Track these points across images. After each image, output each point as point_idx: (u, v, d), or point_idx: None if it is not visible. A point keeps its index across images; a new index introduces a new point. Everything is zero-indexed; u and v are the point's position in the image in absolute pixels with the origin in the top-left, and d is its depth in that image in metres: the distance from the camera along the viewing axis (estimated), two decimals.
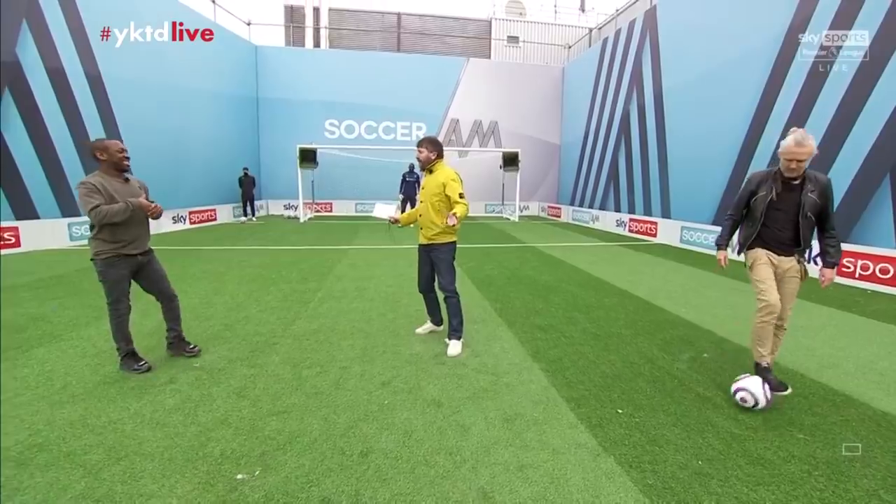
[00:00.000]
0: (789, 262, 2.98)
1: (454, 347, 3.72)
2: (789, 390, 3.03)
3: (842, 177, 6.95)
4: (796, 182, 2.85)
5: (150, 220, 3.25)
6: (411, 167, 14.36)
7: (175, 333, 3.50)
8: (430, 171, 3.73)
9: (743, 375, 2.90)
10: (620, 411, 2.80)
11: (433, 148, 3.70)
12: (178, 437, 2.41)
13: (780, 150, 2.83)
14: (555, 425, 2.63)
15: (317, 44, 20.10)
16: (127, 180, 3.15)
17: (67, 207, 9.25)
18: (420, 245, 3.86)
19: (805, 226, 2.86)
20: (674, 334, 4.23)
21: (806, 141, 2.70)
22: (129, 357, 3.21)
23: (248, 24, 16.90)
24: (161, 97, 11.63)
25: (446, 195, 3.59)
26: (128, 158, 3.11)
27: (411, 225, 4.02)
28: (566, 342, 4.00)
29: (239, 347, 3.74)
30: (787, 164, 2.80)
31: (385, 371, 3.34)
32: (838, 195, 6.99)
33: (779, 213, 2.91)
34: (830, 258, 2.93)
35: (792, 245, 2.94)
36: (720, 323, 4.63)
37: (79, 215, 9.40)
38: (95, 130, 9.79)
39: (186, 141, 12.66)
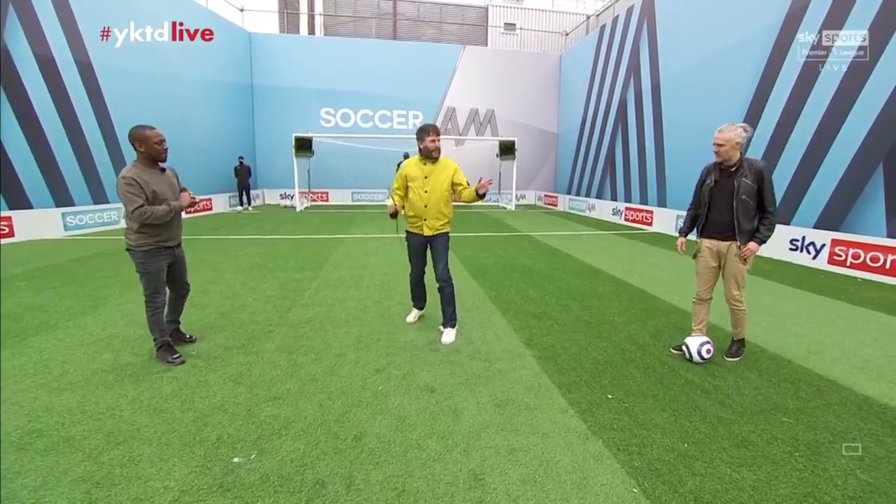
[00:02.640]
0: (726, 248, 3.25)
1: (449, 335, 3.74)
2: (737, 358, 3.41)
3: (835, 165, 6.98)
4: (733, 169, 3.13)
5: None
6: (406, 156, 13.98)
7: (175, 325, 3.53)
8: (434, 161, 3.61)
9: (695, 334, 3.45)
10: (610, 396, 2.86)
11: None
12: (175, 422, 2.45)
13: None
14: (545, 410, 2.69)
15: (311, 31, 19.86)
16: (163, 170, 3.11)
17: (61, 197, 9.21)
18: (422, 236, 3.72)
19: (739, 209, 3.09)
20: (666, 322, 4.29)
21: (724, 129, 3.07)
22: (166, 348, 3.22)
23: (242, 10, 16.64)
24: (153, 85, 11.51)
25: (453, 183, 3.62)
26: (166, 150, 3.03)
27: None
28: (559, 329, 4.05)
29: (235, 335, 3.78)
30: (714, 148, 3.14)
31: (379, 358, 3.38)
32: (832, 183, 7.05)
33: (720, 199, 3.21)
34: (759, 234, 3.13)
35: (731, 230, 3.18)
36: (711, 311, 4.67)
37: (73, 205, 9.36)
38: (87, 119, 9.71)
39: (180, 129, 12.51)
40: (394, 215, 3.80)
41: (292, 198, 15.80)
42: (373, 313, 4.42)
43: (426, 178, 3.60)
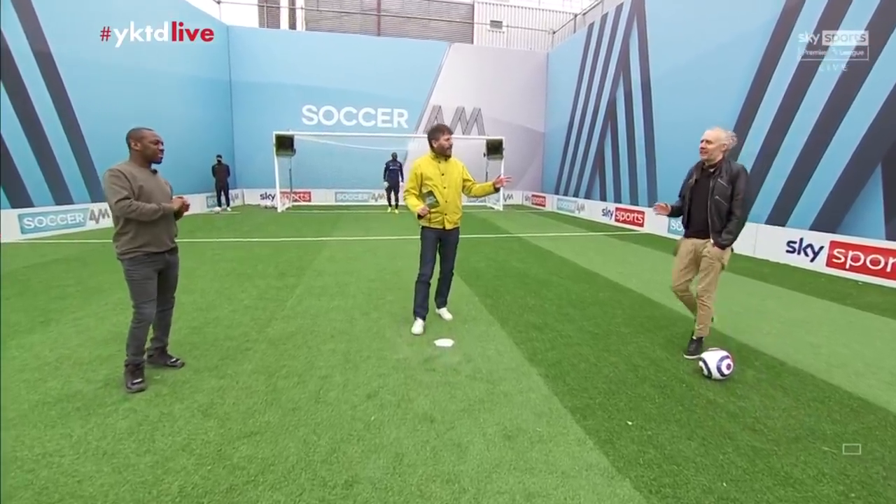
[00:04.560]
0: (702, 245, 3.35)
1: (448, 313, 4.30)
2: (694, 357, 3.36)
3: (833, 165, 6.88)
4: (713, 170, 3.24)
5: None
6: (394, 156, 14.31)
7: (160, 344, 3.13)
8: (447, 159, 3.88)
9: (714, 348, 3.22)
10: (630, 423, 2.57)
11: None
12: (128, 470, 2.06)
13: None
14: (561, 442, 2.38)
15: (293, 25, 19.28)
16: (155, 172, 2.98)
17: (17, 198, 8.51)
18: (443, 230, 3.89)
19: (713, 208, 3.20)
20: (674, 332, 4.03)
21: (714, 129, 3.21)
22: (133, 371, 2.83)
23: (219, 2, 15.96)
24: (121, 78, 10.78)
25: (463, 179, 3.96)
26: (162, 150, 2.94)
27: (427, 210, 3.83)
28: (563, 343, 3.75)
29: (207, 355, 3.37)
30: (700, 146, 3.26)
31: (370, 380, 3.03)
32: (829, 184, 6.95)
33: (698, 197, 3.33)
34: (721, 239, 3.21)
35: (707, 227, 3.29)
36: (718, 319, 4.44)
37: (31, 206, 8.69)
38: (47, 114, 9.02)
39: (152, 125, 11.71)
40: (422, 216, 3.83)
41: (273, 198, 15.22)
42: (361, 326, 4.06)
43: (443, 175, 3.83)
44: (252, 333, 3.81)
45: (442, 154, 3.83)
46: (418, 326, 3.92)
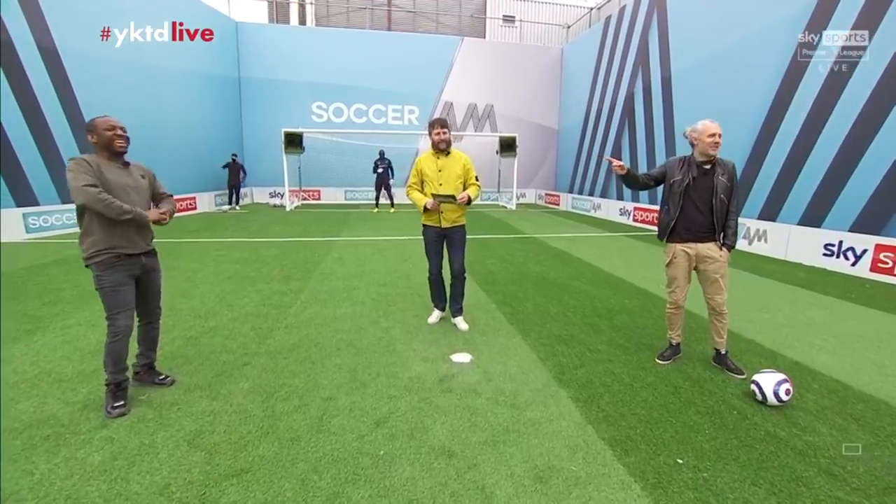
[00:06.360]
0: (708, 249, 3.10)
1: (463, 323, 3.94)
2: (744, 375, 3.08)
3: (876, 163, 6.37)
4: (708, 167, 3.06)
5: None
6: (381, 154, 13.71)
7: (147, 361, 2.83)
8: (447, 154, 3.67)
9: (768, 369, 2.87)
10: (681, 461, 2.20)
11: (449, 130, 3.68)
12: None
13: (697, 135, 3.01)
14: (602, 485, 2.02)
15: (302, 21, 19.03)
16: (127, 164, 2.58)
17: (23, 196, 8.36)
18: (440, 228, 3.74)
19: (719, 207, 3.04)
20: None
21: (715, 122, 2.98)
22: (114, 392, 2.52)
23: None
24: (129, 74, 10.62)
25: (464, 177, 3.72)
26: (121, 138, 2.50)
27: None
28: (593, 358, 3.39)
29: (201, 370, 3.07)
30: (710, 140, 2.96)
31: (380, 403, 2.69)
32: (872, 182, 6.46)
33: (697, 198, 3.07)
34: (728, 240, 3.09)
35: (710, 230, 3.09)
36: (761, 330, 4.06)
37: (37, 204, 8.54)
38: (52, 110, 8.85)
39: (160, 123, 11.69)
40: (430, 208, 3.64)
41: (282, 196, 15.00)
42: (369, 337, 3.73)
43: (440, 171, 3.65)
44: (251, 345, 3.51)
45: (438, 149, 3.63)
46: (434, 317, 4.07)
